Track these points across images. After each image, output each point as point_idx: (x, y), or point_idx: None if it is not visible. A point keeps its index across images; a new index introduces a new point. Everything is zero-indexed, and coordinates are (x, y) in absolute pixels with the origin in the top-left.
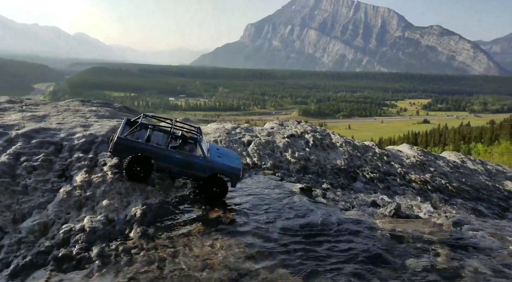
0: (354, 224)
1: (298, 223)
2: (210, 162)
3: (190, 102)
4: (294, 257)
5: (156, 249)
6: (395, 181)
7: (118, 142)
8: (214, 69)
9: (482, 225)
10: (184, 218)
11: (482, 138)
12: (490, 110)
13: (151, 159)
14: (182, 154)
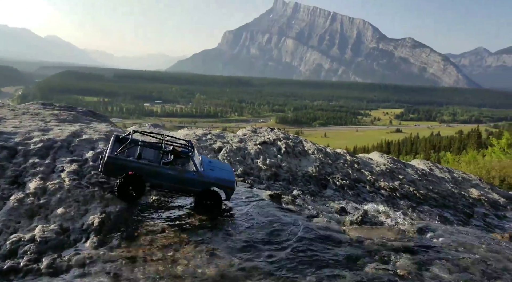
0: (320, 231)
1: (264, 230)
2: (203, 176)
3: (166, 108)
4: (259, 264)
5: (113, 260)
6: (364, 188)
7: (109, 161)
8: (191, 76)
9: (446, 232)
10: (146, 227)
11: (451, 147)
12: (458, 120)
13: (143, 177)
14: (174, 170)
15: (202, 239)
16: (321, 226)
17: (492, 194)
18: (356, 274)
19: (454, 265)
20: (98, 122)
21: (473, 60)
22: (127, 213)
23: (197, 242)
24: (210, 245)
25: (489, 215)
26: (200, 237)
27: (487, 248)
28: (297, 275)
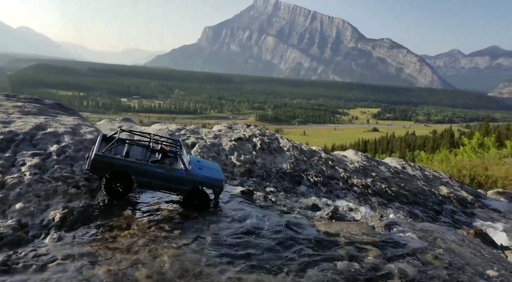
0: (290, 227)
1: (233, 226)
2: (192, 175)
3: (144, 104)
4: (224, 260)
5: (73, 257)
6: (338, 184)
7: (95, 159)
8: (170, 71)
9: (413, 228)
10: (111, 222)
11: (425, 146)
12: (433, 120)
13: (131, 175)
14: (162, 168)
15: (168, 235)
16: (292, 222)
17: (461, 191)
18: (324, 269)
19: (418, 260)
20: (66, 116)
21: (448, 61)
22: (92, 209)
23: (164, 238)
24: (177, 241)
25: (457, 212)
26: (166, 233)
27: (451, 243)
28: (263, 270)
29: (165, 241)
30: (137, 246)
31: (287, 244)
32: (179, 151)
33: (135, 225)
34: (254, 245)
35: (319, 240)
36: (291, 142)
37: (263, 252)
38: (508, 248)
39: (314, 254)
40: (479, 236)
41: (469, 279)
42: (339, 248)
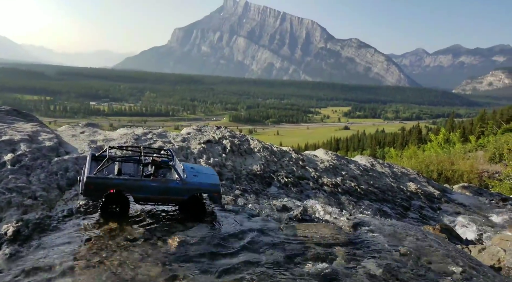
0: (258, 230)
1: (200, 232)
2: (188, 184)
3: (114, 107)
4: (191, 266)
5: (27, 272)
6: (308, 184)
7: (88, 181)
8: (140, 73)
9: (379, 226)
10: (70, 235)
11: (395, 143)
12: (401, 118)
13: (125, 193)
14: (157, 181)
15: (130, 245)
16: (260, 225)
17: (428, 187)
18: (292, 272)
19: (384, 258)
20: (23, 122)
21: (413, 60)
22: (49, 220)
23: (126, 248)
24: (139, 250)
25: (425, 207)
26: (128, 243)
27: (417, 240)
28: (230, 274)
29: (127, 251)
30: (97, 256)
31: (254, 248)
32: (171, 161)
33: (95, 237)
34: (219, 250)
35: (287, 242)
36: (261, 142)
37: (230, 257)
38: (472, 242)
39: (282, 256)
40: (445, 231)
41: (434, 276)
42: (306, 250)
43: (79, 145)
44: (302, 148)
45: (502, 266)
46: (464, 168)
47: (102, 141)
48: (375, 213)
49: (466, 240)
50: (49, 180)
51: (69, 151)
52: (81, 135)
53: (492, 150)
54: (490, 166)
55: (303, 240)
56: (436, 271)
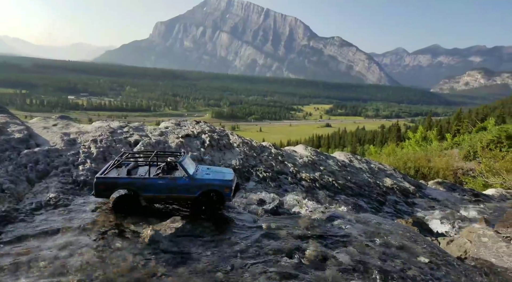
0: (233, 223)
1: (173, 223)
2: (196, 180)
3: (93, 101)
4: (162, 258)
5: None
6: (286, 179)
7: (97, 182)
8: (121, 67)
9: (353, 219)
10: (38, 228)
11: (374, 140)
12: (381, 115)
13: (136, 194)
14: (164, 179)
15: (99, 239)
16: (234, 218)
17: (404, 182)
18: (266, 265)
19: (355, 250)
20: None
21: (394, 59)
22: (16, 213)
23: (95, 242)
24: (108, 244)
25: (399, 202)
26: (96, 237)
27: (388, 233)
28: (202, 270)
29: (96, 246)
30: (67, 250)
31: (227, 240)
32: (179, 159)
33: (65, 230)
34: (192, 245)
35: (261, 235)
36: (241, 138)
37: (202, 251)
38: (443, 235)
39: (255, 249)
40: (417, 224)
41: (402, 266)
42: (280, 243)
43: (51, 137)
44: (284, 145)
45: (467, 256)
46: (440, 165)
47: (75, 133)
48: (351, 207)
49: (437, 232)
50: (18, 172)
51: (40, 143)
52: (54, 127)
53: (467, 147)
54: (465, 163)
55: (276, 233)
56: (404, 262)
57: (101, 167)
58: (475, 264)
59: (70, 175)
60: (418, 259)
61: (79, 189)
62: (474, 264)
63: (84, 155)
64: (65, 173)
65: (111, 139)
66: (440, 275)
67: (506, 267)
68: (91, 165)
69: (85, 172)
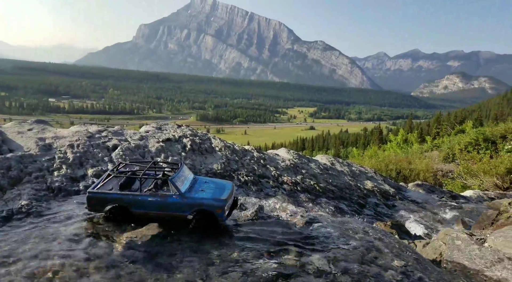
0: (211, 229)
1: (150, 230)
2: (188, 199)
3: (75, 104)
4: (137, 266)
5: None
6: (268, 183)
7: (89, 196)
8: (104, 69)
9: (332, 223)
10: (6, 236)
11: (357, 143)
12: (363, 119)
13: (125, 211)
14: (155, 196)
15: (71, 248)
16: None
17: (384, 185)
18: (244, 271)
19: (333, 253)
20: None
21: (375, 63)
22: None
23: (67, 251)
24: (81, 252)
25: (380, 204)
26: (69, 246)
27: (366, 236)
28: (178, 272)
29: (65, 257)
30: (37, 260)
31: (205, 245)
32: (173, 174)
33: (35, 238)
34: (169, 252)
35: (239, 240)
36: (223, 141)
37: (180, 259)
38: (420, 238)
39: (233, 254)
40: (395, 227)
41: (378, 270)
42: (259, 248)
43: (25, 142)
44: (269, 147)
45: (442, 259)
46: (420, 167)
47: (51, 138)
48: (331, 210)
49: (415, 235)
50: None
51: (13, 148)
52: (29, 132)
53: (446, 150)
54: (444, 165)
55: (256, 238)
56: (380, 265)
57: (77, 172)
58: (448, 267)
59: (44, 181)
60: (394, 263)
61: (54, 195)
62: (448, 267)
63: (59, 160)
64: (39, 179)
65: (88, 144)
66: (414, 279)
67: (478, 269)
68: (66, 170)
69: (60, 178)
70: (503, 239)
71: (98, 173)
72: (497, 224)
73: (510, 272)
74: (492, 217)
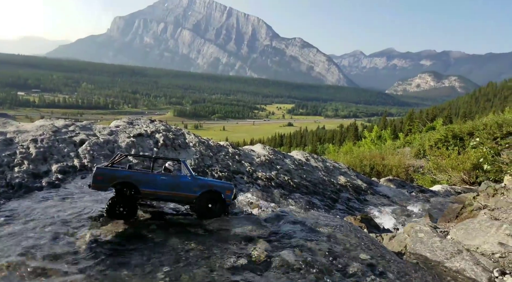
0: (178, 224)
1: (114, 227)
2: (200, 179)
3: (46, 98)
4: (99, 263)
5: None
6: (242, 179)
7: (97, 172)
8: (76, 63)
9: (303, 217)
10: None
11: (334, 139)
12: (340, 115)
13: (136, 189)
14: (167, 176)
15: (31, 246)
16: (180, 219)
17: (357, 180)
18: (210, 267)
19: (301, 248)
20: None
21: (352, 61)
22: None
23: (28, 248)
24: (40, 252)
25: (352, 199)
26: (28, 244)
27: (335, 230)
28: (141, 271)
29: (21, 253)
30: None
31: (172, 242)
32: (181, 158)
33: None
34: (134, 250)
35: (207, 236)
36: (198, 137)
37: (145, 256)
38: (389, 231)
39: (201, 251)
40: (365, 221)
41: (344, 264)
42: (228, 244)
43: None
44: (247, 143)
45: (405, 252)
46: (393, 162)
47: (13, 133)
48: (304, 205)
49: (383, 228)
50: None
51: None
52: None
53: (417, 146)
54: (416, 160)
55: (224, 234)
56: (347, 259)
57: (40, 168)
58: (411, 259)
59: (3, 177)
60: (360, 256)
61: (13, 192)
62: (411, 259)
63: (21, 156)
64: None
65: (53, 139)
66: (379, 271)
67: (439, 261)
68: (28, 166)
69: (21, 174)
70: (464, 231)
71: (62, 169)
72: (461, 217)
73: (467, 263)
74: (457, 211)
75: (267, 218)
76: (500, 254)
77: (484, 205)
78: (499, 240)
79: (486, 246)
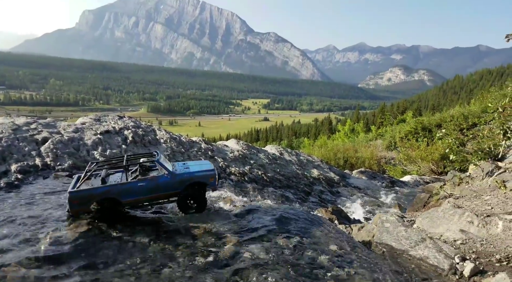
0: (149, 220)
1: (77, 230)
2: (178, 175)
3: (12, 95)
4: (60, 269)
5: None
6: None
7: (71, 196)
8: (44, 58)
9: (274, 211)
10: None
11: (309, 133)
12: (315, 109)
13: (117, 201)
14: (144, 180)
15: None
16: (150, 216)
17: (330, 173)
18: (180, 264)
19: (271, 242)
20: None
21: (325, 56)
22: None
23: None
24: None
25: (324, 191)
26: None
27: (304, 223)
28: (112, 269)
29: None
30: None
31: (142, 239)
32: (155, 157)
33: None
34: (99, 250)
35: (177, 232)
36: (169, 133)
37: (110, 256)
38: (359, 222)
39: (171, 248)
40: (336, 213)
41: (313, 255)
42: (197, 240)
43: None
44: (224, 139)
45: (372, 241)
46: (366, 155)
47: None
48: (277, 199)
49: (354, 219)
50: None
51: None
52: None
53: (388, 138)
54: (387, 152)
55: (193, 231)
56: (316, 250)
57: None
58: (378, 248)
59: None
60: (329, 247)
61: None
62: (377, 248)
63: None
64: None
65: (13, 137)
66: (346, 261)
67: (404, 249)
68: None
69: None
70: (429, 220)
71: (23, 168)
72: (428, 206)
73: (430, 251)
74: (424, 200)
75: (238, 213)
76: (462, 240)
77: (450, 193)
78: (461, 227)
79: (448, 234)
